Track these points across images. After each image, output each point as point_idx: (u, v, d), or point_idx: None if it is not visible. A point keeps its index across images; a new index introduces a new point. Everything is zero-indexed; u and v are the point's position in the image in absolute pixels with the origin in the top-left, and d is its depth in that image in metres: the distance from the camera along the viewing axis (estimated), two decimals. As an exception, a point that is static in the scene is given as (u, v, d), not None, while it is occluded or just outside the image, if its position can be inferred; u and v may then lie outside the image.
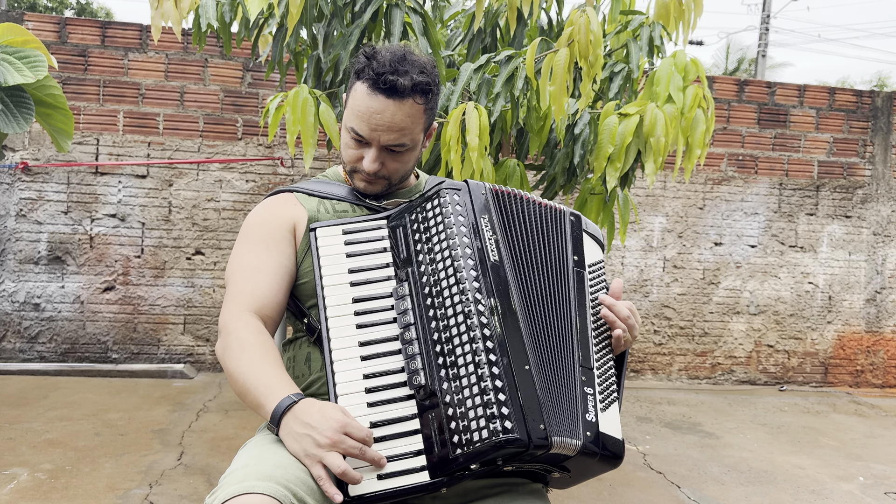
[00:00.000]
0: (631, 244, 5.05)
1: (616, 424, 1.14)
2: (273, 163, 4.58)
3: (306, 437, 1.00)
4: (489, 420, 1.00)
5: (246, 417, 3.64)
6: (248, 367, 1.11)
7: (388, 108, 1.22)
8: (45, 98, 1.39)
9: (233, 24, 2.69)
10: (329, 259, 1.20)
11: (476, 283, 1.10)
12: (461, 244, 1.14)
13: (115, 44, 4.41)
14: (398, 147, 1.26)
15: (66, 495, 2.56)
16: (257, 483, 0.95)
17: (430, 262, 1.15)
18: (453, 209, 1.18)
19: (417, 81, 1.22)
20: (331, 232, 1.23)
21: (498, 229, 1.19)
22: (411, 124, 1.24)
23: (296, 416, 1.03)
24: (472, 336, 1.06)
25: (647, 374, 5.14)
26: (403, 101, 1.22)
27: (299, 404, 1.04)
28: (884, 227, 5.37)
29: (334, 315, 1.15)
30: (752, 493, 3.03)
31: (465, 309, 1.08)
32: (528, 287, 1.17)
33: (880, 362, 5.43)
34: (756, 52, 17.60)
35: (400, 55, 1.24)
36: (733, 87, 5.18)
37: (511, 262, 1.17)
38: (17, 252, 4.37)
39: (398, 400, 1.08)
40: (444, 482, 1.02)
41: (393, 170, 1.30)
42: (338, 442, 0.98)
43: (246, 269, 1.25)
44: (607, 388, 1.17)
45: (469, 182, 1.24)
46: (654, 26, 2.39)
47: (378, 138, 1.24)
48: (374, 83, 1.21)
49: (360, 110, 1.24)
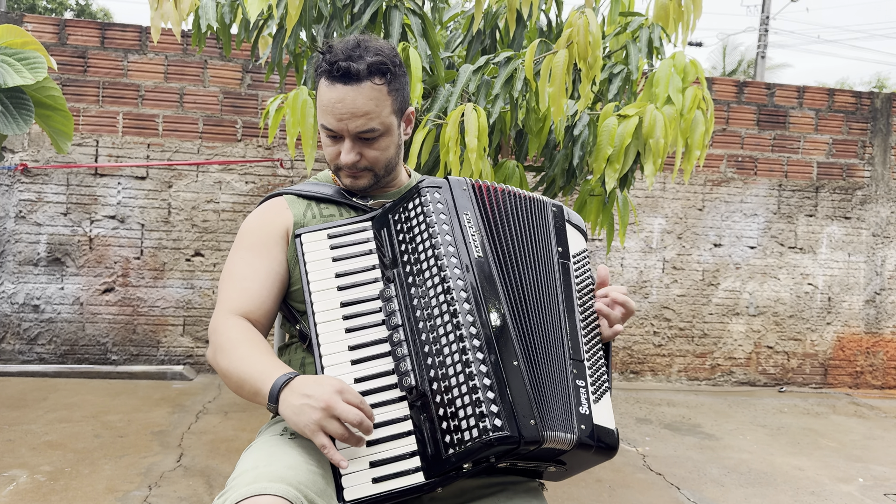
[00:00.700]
0: (630, 245, 5.05)
1: (609, 415, 1.14)
2: (272, 164, 4.58)
3: (304, 407, 1.00)
4: (479, 419, 1.00)
5: (245, 419, 3.64)
6: (241, 360, 1.12)
7: (349, 95, 1.22)
8: (45, 99, 1.39)
9: (232, 26, 2.69)
10: (315, 265, 1.20)
11: (461, 282, 1.10)
12: (444, 242, 1.14)
13: (115, 45, 4.41)
14: (369, 133, 1.25)
15: (66, 497, 2.56)
16: (269, 484, 0.95)
17: (415, 262, 1.15)
18: (434, 207, 1.18)
19: (371, 62, 1.22)
20: (316, 237, 1.23)
21: (481, 225, 1.19)
22: (375, 107, 1.24)
23: (293, 390, 1.04)
24: (459, 335, 1.06)
25: (646, 375, 5.14)
26: (360, 84, 1.22)
27: (296, 380, 1.05)
28: (883, 228, 5.37)
29: (323, 320, 1.16)
30: (751, 494, 3.03)
31: (451, 308, 1.08)
32: (514, 282, 1.16)
33: (880, 363, 5.43)
34: (755, 53, 17.61)
35: (353, 43, 1.25)
36: (732, 88, 5.18)
37: (495, 257, 1.17)
38: (17, 253, 4.36)
39: (390, 402, 1.08)
40: (438, 482, 1.02)
41: (373, 159, 1.29)
42: (332, 405, 0.99)
43: (237, 276, 1.26)
44: (598, 378, 1.17)
45: (450, 178, 1.23)
46: (653, 28, 2.39)
47: (346, 128, 1.24)
48: (330, 73, 1.22)
49: (323, 103, 1.25)
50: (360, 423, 1.00)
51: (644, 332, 5.11)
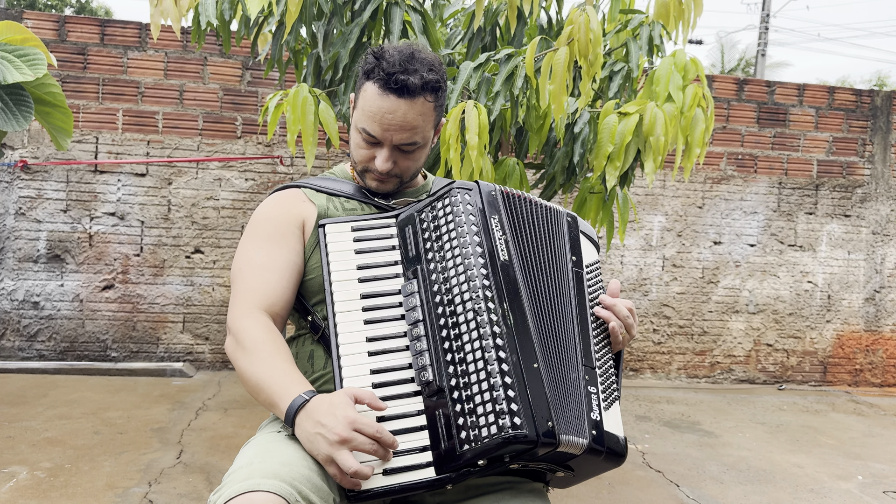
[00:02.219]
0: (630, 243, 5.05)
1: (618, 423, 1.15)
2: (272, 161, 4.57)
3: (318, 437, 1.00)
4: (498, 416, 1.00)
5: (245, 416, 3.64)
6: (261, 365, 1.11)
7: (401, 108, 1.22)
8: (45, 96, 1.39)
9: (232, 22, 2.69)
10: (338, 255, 1.20)
11: (486, 282, 1.11)
12: (471, 243, 1.15)
13: (115, 42, 4.40)
14: (410, 146, 1.26)
15: (66, 494, 2.56)
16: (263, 481, 0.95)
17: (440, 259, 1.16)
18: (464, 209, 1.18)
19: (427, 80, 1.22)
20: (340, 228, 1.23)
21: (507, 230, 1.20)
22: (423, 123, 1.25)
23: (308, 415, 1.03)
24: (482, 333, 1.06)
25: (646, 372, 5.15)
26: (415, 100, 1.22)
27: (311, 402, 1.04)
28: (883, 226, 5.37)
29: (342, 310, 1.15)
30: (750, 491, 3.03)
31: (475, 306, 1.08)
32: (535, 287, 1.17)
33: (879, 361, 5.44)
34: (755, 51, 17.59)
35: (408, 54, 1.23)
36: (733, 86, 5.18)
37: (521, 262, 1.18)
38: (17, 250, 4.36)
39: (405, 396, 1.08)
40: (450, 478, 1.02)
41: (405, 168, 1.30)
42: (348, 439, 0.98)
43: (255, 266, 1.24)
44: (608, 386, 1.18)
45: (480, 183, 1.24)
46: (653, 25, 2.39)
47: (391, 138, 1.24)
48: (385, 83, 1.21)
49: (371, 111, 1.24)
50: (375, 452, 0.99)
51: (644, 329, 5.11)
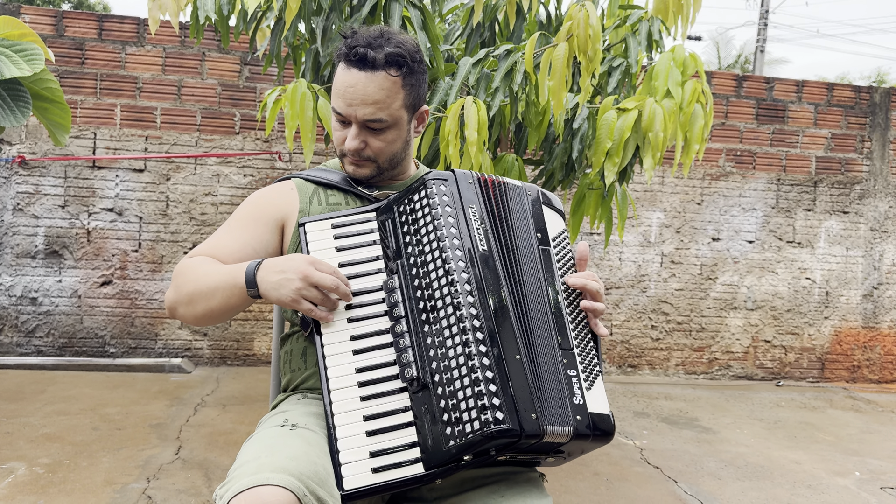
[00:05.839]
0: (629, 239, 5.05)
1: (603, 400, 1.14)
2: (271, 157, 4.57)
3: (282, 280, 1.09)
4: (481, 411, 1.00)
5: (244, 412, 3.64)
6: (207, 273, 1.19)
7: (360, 81, 1.22)
8: (42, 91, 1.39)
9: (231, 18, 2.68)
10: (319, 254, 1.20)
11: (465, 275, 1.10)
12: (449, 235, 1.14)
13: (113, 37, 4.39)
14: (376, 123, 1.25)
15: (64, 489, 2.56)
16: (272, 475, 0.95)
17: (419, 253, 1.15)
18: (440, 199, 1.18)
19: (389, 52, 1.22)
20: (320, 227, 1.23)
21: (486, 219, 1.19)
22: (386, 97, 1.24)
23: (267, 269, 1.12)
24: (463, 328, 1.06)
25: (644, 369, 5.15)
26: (375, 72, 1.22)
27: (265, 261, 1.14)
28: (881, 222, 5.38)
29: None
30: (748, 487, 3.04)
31: (454, 301, 1.08)
32: (515, 275, 1.16)
33: (877, 358, 5.45)
34: (754, 47, 17.58)
35: (377, 32, 1.25)
36: (732, 82, 5.17)
37: (499, 250, 1.17)
38: (15, 246, 4.36)
39: (391, 393, 1.09)
40: (438, 474, 1.02)
41: (377, 150, 1.29)
42: (308, 273, 1.08)
43: (216, 237, 1.31)
44: (589, 364, 1.17)
45: (455, 171, 1.23)
46: (652, 21, 2.39)
47: (354, 113, 1.24)
48: (347, 57, 1.23)
49: (337, 87, 1.26)
50: (336, 288, 1.10)
51: (642, 325, 5.12)
